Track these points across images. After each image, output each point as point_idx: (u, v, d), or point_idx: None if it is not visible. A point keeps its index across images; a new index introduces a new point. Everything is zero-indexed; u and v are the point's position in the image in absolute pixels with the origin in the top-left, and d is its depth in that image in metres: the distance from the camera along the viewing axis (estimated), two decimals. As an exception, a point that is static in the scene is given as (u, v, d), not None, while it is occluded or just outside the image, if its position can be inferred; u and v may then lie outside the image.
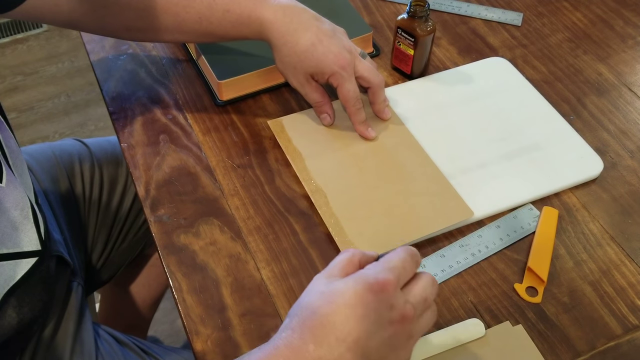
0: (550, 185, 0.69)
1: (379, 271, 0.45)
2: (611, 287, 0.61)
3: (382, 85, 0.72)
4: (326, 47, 0.67)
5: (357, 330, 0.43)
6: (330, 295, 0.44)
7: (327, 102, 0.72)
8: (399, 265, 0.46)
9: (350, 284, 0.44)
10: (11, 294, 0.60)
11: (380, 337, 0.44)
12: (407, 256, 0.47)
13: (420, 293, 0.47)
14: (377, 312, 0.44)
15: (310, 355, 0.43)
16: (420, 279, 0.48)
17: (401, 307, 0.45)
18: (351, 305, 0.43)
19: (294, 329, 0.44)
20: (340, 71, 0.68)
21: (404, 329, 0.45)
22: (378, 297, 0.44)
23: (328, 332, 0.43)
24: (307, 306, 0.45)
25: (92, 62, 0.84)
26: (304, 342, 0.43)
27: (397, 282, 0.45)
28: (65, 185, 0.86)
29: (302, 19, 0.67)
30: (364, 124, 0.72)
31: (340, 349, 0.43)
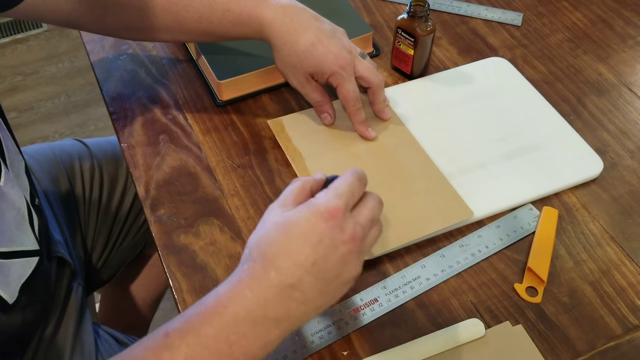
0: (550, 185, 0.69)
1: (329, 199, 0.48)
2: (611, 287, 0.61)
3: (382, 86, 0.72)
4: (326, 47, 0.67)
5: (313, 255, 0.47)
6: (285, 226, 0.47)
7: (328, 101, 0.72)
8: (347, 190, 0.49)
9: (303, 214, 0.48)
10: (22, 291, 0.60)
11: (334, 258, 0.47)
12: (354, 180, 0.51)
13: (367, 214, 0.50)
14: (330, 237, 0.47)
15: (272, 282, 0.46)
16: (367, 200, 0.52)
17: (351, 229, 0.48)
18: (305, 233, 0.47)
19: (254, 260, 0.47)
20: (340, 71, 0.68)
21: (354, 248, 0.48)
22: (329, 224, 0.47)
23: (286, 259, 0.46)
24: (265, 238, 0.48)
25: (92, 62, 0.84)
26: (265, 271, 0.46)
27: (345, 207, 0.48)
28: (65, 186, 0.86)
29: (302, 19, 0.67)
30: (364, 124, 0.72)
31: (300, 272, 0.46)
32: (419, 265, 0.63)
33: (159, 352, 0.45)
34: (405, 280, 0.61)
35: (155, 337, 0.46)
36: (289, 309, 0.47)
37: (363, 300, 0.60)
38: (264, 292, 0.46)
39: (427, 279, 0.62)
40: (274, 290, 0.46)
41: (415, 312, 0.60)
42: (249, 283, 0.46)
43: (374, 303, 0.60)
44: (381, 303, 0.60)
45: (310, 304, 0.48)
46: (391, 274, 0.62)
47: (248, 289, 0.46)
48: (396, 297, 0.60)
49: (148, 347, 0.46)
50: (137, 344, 0.47)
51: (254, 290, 0.46)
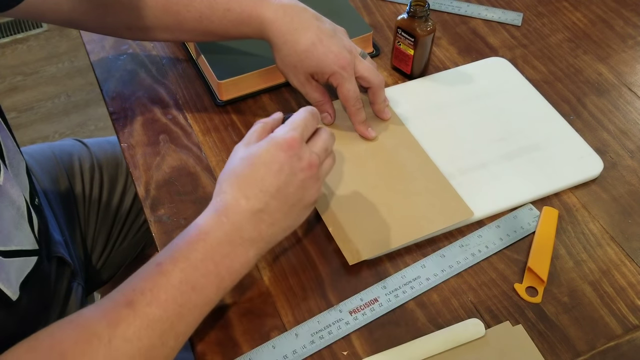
0: (550, 185, 0.69)
1: (286, 131, 0.55)
2: (611, 287, 0.61)
3: (382, 86, 0.72)
4: (326, 46, 0.67)
5: (276, 182, 0.53)
6: (249, 159, 0.54)
7: (328, 101, 0.72)
8: (302, 123, 0.56)
9: (264, 146, 0.54)
10: (22, 289, 0.60)
11: (294, 183, 0.54)
12: (308, 115, 0.57)
13: (321, 144, 0.57)
14: (289, 165, 0.54)
15: (243, 208, 0.53)
16: (320, 133, 0.58)
17: (307, 157, 0.55)
18: (267, 163, 0.53)
19: (225, 191, 0.54)
20: (341, 71, 0.68)
21: (312, 174, 0.55)
22: (288, 153, 0.54)
23: (253, 187, 0.53)
24: (232, 171, 0.54)
25: (92, 62, 0.84)
26: (236, 199, 0.53)
27: (301, 138, 0.55)
28: (65, 186, 0.86)
29: (302, 19, 0.67)
30: (364, 124, 0.72)
31: (266, 197, 0.53)
32: (419, 265, 0.63)
33: (155, 279, 0.50)
34: (405, 280, 0.61)
35: (148, 268, 0.51)
36: (260, 230, 0.54)
37: (363, 300, 0.60)
38: (237, 217, 0.53)
39: (427, 279, 0.62)
40: (245, 214, 0.53)
41: (415, 312, 0.60)
42: (224, 211, 0.53)
43: (374, 303, 0.60)
44: (381, 303, 0.60)
45: (278, 225, 0.55)
46: (391, 274, 0.62)
47: (224, 216, 0.53)
48: (396, 297, 0.60)
49: (144, 277, 0.51)
50: (131, 277, 0.51)
51: (229, 216, 0.53)
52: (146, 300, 0.49)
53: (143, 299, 0.49)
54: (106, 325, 0.48)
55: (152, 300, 0.49)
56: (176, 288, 0.50)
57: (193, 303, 0.51)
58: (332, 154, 0.60)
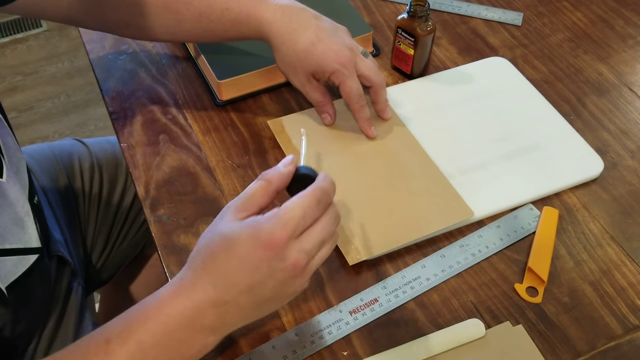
0: (551, 185, 0.69)
1: (274, 228, 0.47)
2: (611, 287, 0.61)
3: (384, 85, 0.71)
4: (326, 45, 0.67)
5: (249, 280, 0.47)
6: (227, 242, 0.47)
7: (329, 101, 0.72)
8: (299, 215, 0.47)
9: (244, 236, 0.47)
10: (10, 290, 0.60)
11: (271, 282, 0.48)
12: (311, 204, 0.48)
13: (317, 236, 0.49)
14: (268, 265, 0.47)
15: (210, 296, 0.48)
16: (321, 220, 0.49)
17: (293, 257, 0.47)
18: (243, 257, 0.47)
19: (195, 269, 0.49)
20: (341, 69, 0.67)
21: (295, 274, 0.48)
22: (268, 254, 0.46)
23: (224, 278, 0.47)
24: (209, 248, 0.48)
25: (92, 62, 0.84)
26: (204, 284, 0.48)
27: (290, 236, 0.47)
28: (65, 185, 0.85)
29: (301, 18, 0.67)
30: (368, 121, 0.71)
31: (234, 291, 0.47)
32: (419, 265, 0.63)
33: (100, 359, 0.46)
34: (405, 280, 0.61)
35: (96, 342, 0.48)
36: (224, 319, 0.49)
37: (363, 300, 0.60)
38: (202, 304, 0.48)
39: (427, 279, 0.62)
40: (211, 303, 0.48)
41: (415, 312, 0.60)
42: (190, 293, 0.48)
43: (374, 303, 0.60)
44: (381, 303, 0.60)
45: (246, 315, 0.50)
46: (391, 274, 0.62)
47: (188, 300, 0.48)
48: (396, 297, 0.60)
49: (89, 352, 0.47)
50: (75, 346, 0.48)
51: (193, 300, 0.48)
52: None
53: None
54: None
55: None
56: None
57: None
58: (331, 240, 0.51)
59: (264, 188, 0.50)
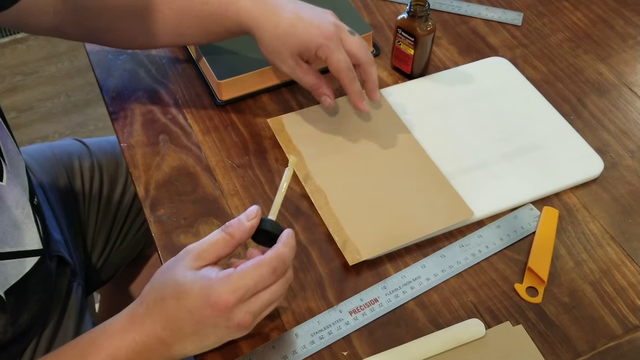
0: (551, 185, 0.69)
1: (223, 291, 0.50)
2: (611, 287, 0.61)
3: (373, 63, 0.69)
4: (308, 22, 0.65)
5: (194, 329, 0.51)
6: (178, 292, 0.51)
7: (323, 83, 0.70)
8: (251, 284, 0.50)
9: (196, 290, 0.50)
10: (10, 293, 0.60)
11: (216, 334, 0.52)
12: (267, 272, 0.51)
13: (265, 301, 0.52)
14: (214, 322, 0.50)
15: (158, 334, 0.51)
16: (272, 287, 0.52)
17: (238, 318, 0.50)
18: (190, 311, 0.50)
19: (148, 305, 0.52)
20: (326, 42, 0.65)
21: (240, 331, 0.52)
22: (214, 313, 0.50)
23: (171, 322, 0.51)
24: (161, 291, 0.52)
25: (92, 62, 0.84)
26: (154, 324, 0.51)
27: (237, 301, 0.50)
28: (65, 185, 0.85)
29: (278, 3, 0.67)
30: (360, 95, 0.69)
31: (179, 336, 0.51)
32: (419, 265, 0.63)
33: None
34: (405, 280, 0.61)
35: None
36: (170, 354, 0.52)
37: (363, 300, 0.60)
38: (150, 340, 0.51)
39: (427, 279, 0.62)
40: (158, 340, 0.51)
41: (415, 312, 0.60)
42: (139, 330, 0.52)
43: (374, 303, 0.60)
44: (381, 303, 0.60)
45: (192, 351, 0.53)
46: (391, 274, 0.62)
47: (137, 334, 0.52)
48: (396, 297, 0.60)
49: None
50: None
51: (142, 335, 0.52)
52: None
53: None
54: None
55: None
56: None
57: None
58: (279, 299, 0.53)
59: (226, 241, 0.53)
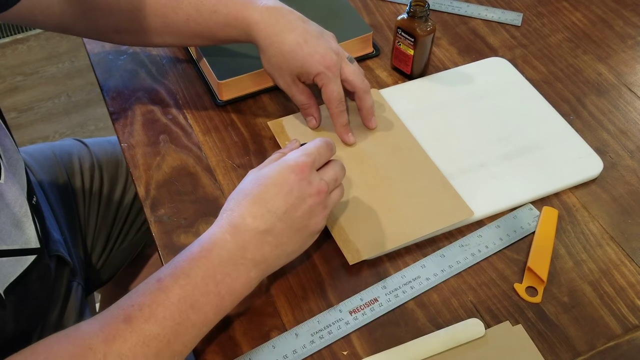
0: (550, 185, 0.69)
1: (298, 156, 0.56)
2: (611, 287, 0.61)
3: (368, 91, 0.71)
4: (312, 47, 0.67)
5: (284, 204, 0.54)
6: (259, 179, 0.55)
7: (314, 104, 0.72)
8: (315, 151, 0.57)
9: (275, 168, 0.55)
10: (9, 292, 0.60)
11: (302, 208, 0.55)
12: (322, 144, 0.58)
13: (332, 174, 0.58)
14: (299, 188, 0.54)
15: (249, 226, 0.53)
16: (332, 164, 0.59)
17: (317, 183, 0.56)
18: (277, 184, 0.54)
19: (232, 209, 0.54)
20: (326, 71, 0.67)
21: (320, 200, 0.56)
22: (298, 176, 0.54)
23: (261, 207, 0.54)
24: (242, 191, 0.55)
25: (93, 62, 0.84)
26: (242, 217, 0.53)
27: (312, 164, 0.56)
28: (65, 185, 0.86)
29: (288, 20, 0.68)
30: (346, 127, 0.71)
31: (272, 219, 0.54)
32: (419, 265, 0.63)
33: (155, 295, 0.50)
34: (405, 280, 0.61)
35: (148, 284, 0.51)
36: (264, 251, 0.54)
37: (363, 300, 0.60)
38: (242, 236, 0.53)
39: (427, 278, 0.62)
40: (250, 234, 0.53)
41: (415, 312, 0.60)
42: (229, 229, 0.53)
43: (374, 303, 0.60)
44: (381, 303, 0.60)
45: (282, 249, 0.55)
46: (391, 274, 0.62)
47: (228, 234, 0.53)
48: (396, 297, 0.60)
49: (143, 292, 0.50)
50: (132, 292, 0.51)
51: (233, 234, 0.53)
52: (144, 316, 0.49)
53: (141, 315, 0.49)
54: (102, 340, 0.47)
55: (149, 317, 0.49)
56: (175, 305, 0.50)
57: (191, 322, 0.50)
58: (342, 186, 0.60)
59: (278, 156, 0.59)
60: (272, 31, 0.67)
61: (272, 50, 0.68)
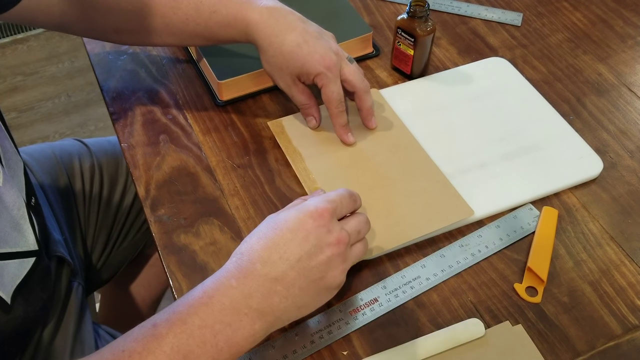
0: (550, 185, 0.69)
1: (319, 201, 0.53)
2: (611, 287, 0.62)
3: (368, 91, 0.71)
4: (312, 47, 0.67)
5: (299, 251, 0.50)
6: (275, 223, 0.51)
7: (314, 104, 0.72)
8: (337, 199, 0.54)
9: (293, 213, 0.52)
10: (18, 292, 0.60)
11: (319, 258, 0.51)
12: (345, 194, 0.55)
13: (354, 225, 0.55)
14: (316, 236, 0.50)
15: (258, 273, 0.49)
16: (356, 215, 0.56)
17: (337, 232, 0.52)
18: (293, 230, 0.50)
19: (242, 253, 0.51)
20: (326, 72, 0.67)
21: (339, 251, 0.51)
22: (317, 223, 0.51)
23: (273, 252, 0.50)
24: (256, 234, 0.52)
25: (93, 62, 0.84)
26: (252, 262, 0.49)
27: (333, 211, 0.52)
28: (65, 185, 0.86)
29: (287, 20, 0.68)
30: (345, 127, 0.71)
31: (284, 266, 0.49)
32: (419, 265, 0.63)
33: (147, 342, 0.47)
34: (405, 280, 0.61)
35: (143, 327, 0.48)
36: (272, 302, 0.49)
37: (363, 300, 0.60)
38: (249, 282, 0.49)
39: (427, 278, 0.62)
40: (258, 281, 0.49)
41: (415, 312, 0.60)
42: (235, 273, 0.49)
43: (374, 303, 0.60)
44: (381, 303, 0.60)
45: (292, 301, 0.50)
46: (391, 274, 0.62)
47: (234, 279, 0.49)
48: (396, 297, 0.60)
49: (137, 337, 0.47)
50: (126, 334, 0.48)
51: (239, 280, 0.49)
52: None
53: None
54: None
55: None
56: (167, 355, 0.46)
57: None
58: (365, 240, 0.57)
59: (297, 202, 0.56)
60: (271, 31, 0.67)
61: (272, 51, 0.68)
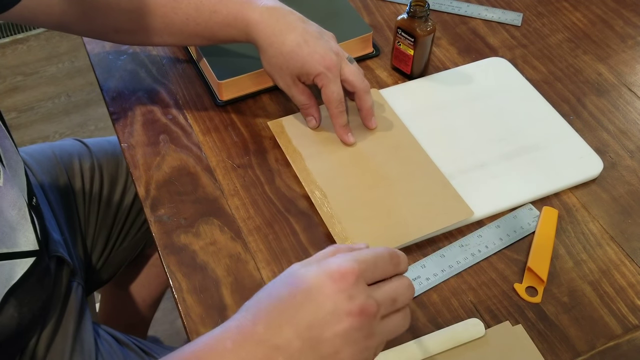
0: (550, 185, 0.69)
1: (345, 260, 0.43)
2: (611, 287, 0.62)
3: (368, 91, 0.71)
4: (312, 47, 0.67)
5: (310, 318, 0.41)
6: (290, 278, 0.43)
7: (314, 104, 0.72)
8: (370, 259, 0.44)
9: (312, 270, 0.43)
10: (11, 294, 0.60)
11: (333, 329, 0.41)
12: (385, 254, 0.45)
13: (389, 292, 0.44)
14: (334, 302, 0.41)
15: (259, 337, 0.41)
16: (395, 279, 0.45)
17: (362, 300, 0.42)
18: (306, 291, 0.42)
19: (248, 309, 0.43)
20: (326, 72, 0.67)
21: (362, 325, 0.42)
22: (337, 286, 0.41)
23: (280, 315, 0.42)
24: (268, 288, 0.44)
25: (93, 62, 0.84)
26: (254, 324, 0.42)
27: (360, 273, 0.42)
28: (65, 185, 0.86)
29: (288, 20, 0.68)
30: (345, 127, 0.71)
31: (289, 334, 0.41)
32: (419, 265, 0.63)
33: None
34: (405, 280, 0.61)
35: None
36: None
37: (363, 300, 0.60)
38: (246, 347, 0.41)
39: (427, 278, 0.62)
40: (257, 347, 0.41)
41: (415, 312, 0.60)
42: (233, 333, 0.42)
43: (374, 303, 0.60)
44: (381, 303, 0.60)
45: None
46: (391, 273, 0.62)
47: (230, 341, 0.42)
48: (396, 297, 0.60)
49: None
50: None
51: (236, 342, 0.41)
52: None
53: None
54: None
55: None
56: None
57: None
58: (406, 311, 0.46)
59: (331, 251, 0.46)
60: (272, 31, 0.67)
61: (272, 51, 0.68)
